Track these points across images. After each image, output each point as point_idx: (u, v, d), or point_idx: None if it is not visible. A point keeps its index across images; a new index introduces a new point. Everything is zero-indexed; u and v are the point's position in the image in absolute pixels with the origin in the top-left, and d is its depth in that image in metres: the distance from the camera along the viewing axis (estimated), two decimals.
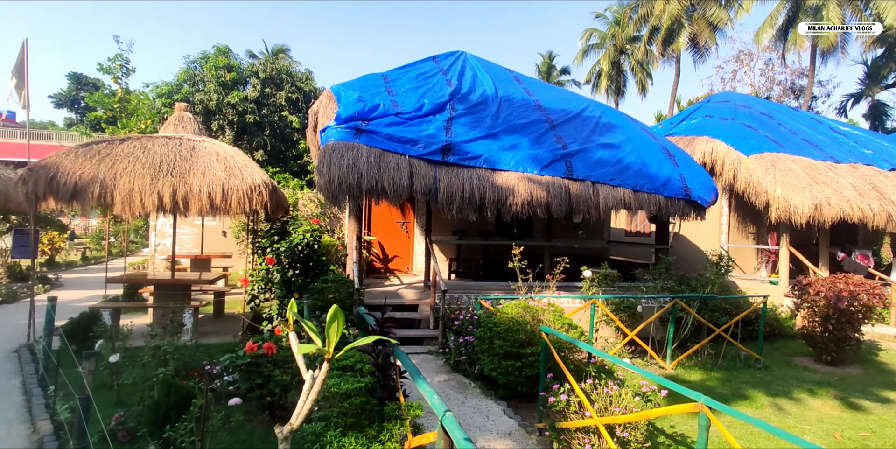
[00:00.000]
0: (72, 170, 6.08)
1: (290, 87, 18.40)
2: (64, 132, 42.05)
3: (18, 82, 5.91)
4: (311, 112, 9.08)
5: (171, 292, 7.53)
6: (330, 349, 1.70)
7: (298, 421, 1.91)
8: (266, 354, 4.12)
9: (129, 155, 6.48)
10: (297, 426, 1.92)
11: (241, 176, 6.68)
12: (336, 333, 1.66)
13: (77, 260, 17.99)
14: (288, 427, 1.92)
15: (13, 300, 9.66)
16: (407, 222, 9.89)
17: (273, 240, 6.86)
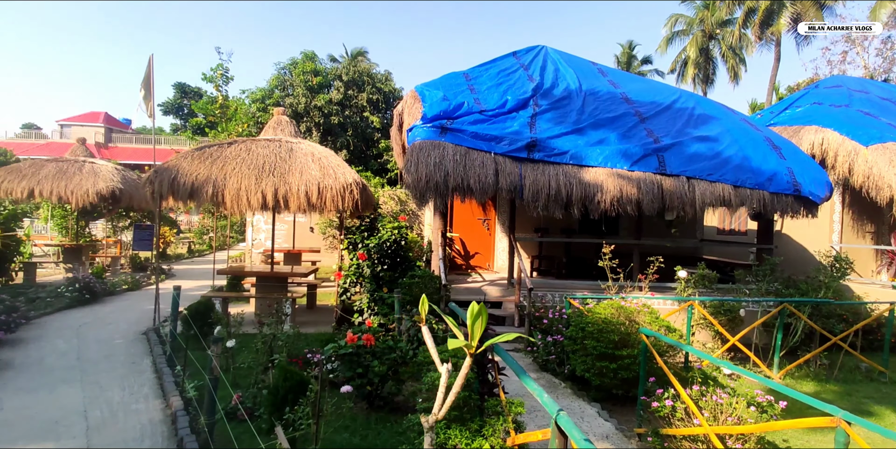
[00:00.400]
0: (189, 171, 6.70)
1: (370, 89, 19.05)
2: (171, 137, 46.45)
3: (146, 94, 6.61)
4: (395, 112, 9.35)
5: (271, 284, 8.10)
6: (474, 344, 1.75)
7: (442, 412, 1.99)
8: (365, 345, 4.31)
9: (237, 157, 7.03)
10: (440, 417, 2.00)
11: (335, 175, 7.03)
12: (479, 329, 1.70)
13: (184, 253, 19.83)
14: (432, 418, 2.01)
15: (137, 288, 10.83)
16: (488, 220, 9.92)
17: (363, 236, 7.16)
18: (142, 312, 8.20)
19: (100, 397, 4.49)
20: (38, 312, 7.66)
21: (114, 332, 6.92)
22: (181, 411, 4.03)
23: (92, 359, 5.64)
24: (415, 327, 5.46)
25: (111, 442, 3.69)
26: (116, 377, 5.05)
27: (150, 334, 6.66)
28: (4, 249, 9.90)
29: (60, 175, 11.15)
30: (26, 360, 5.52)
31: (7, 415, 4.05)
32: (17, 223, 10.62)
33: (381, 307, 6.61)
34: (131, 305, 8.86)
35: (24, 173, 11.04)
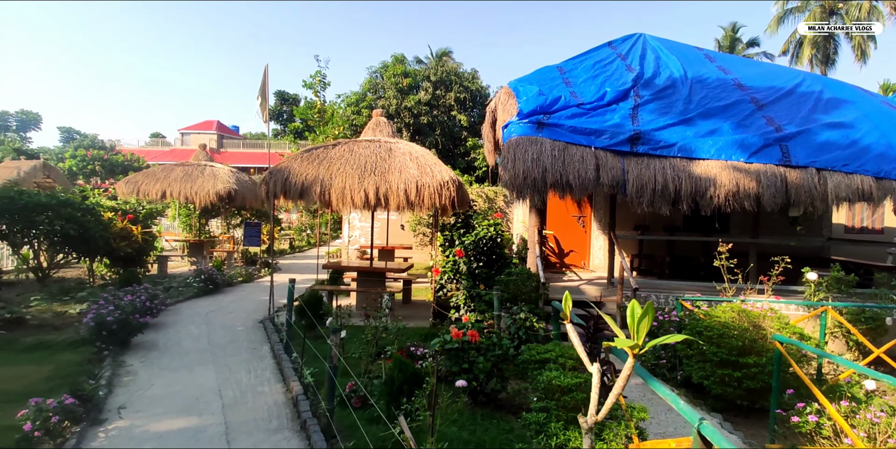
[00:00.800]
0: (299, 172, 7.17)
1: (458, 88, 19.22)
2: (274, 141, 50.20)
3: (262, 102, 7.17)
4: (488, 109, 9.34)
5: (371, 279, 8.45)
6: (639, 342, 1.67)
7: (601, 414, 1.95)
8: (470, 340, 4.35)
9: (341, 158, 7.41)
10: (599, 419, 1.96)
11: (432, 173, 7.17)
12: (645, 328, 1.63)
13: (286, 248, 21.31)
14: (592, 419, 1.97)
15: (250, 280, 11.81)
16: (583, 217, 9.61)
17: (459, 233, 7.23)
18: (257, 303, 8.92)
19: (230, 379, 4.95)
20: (173, 300, 8.61)
21: (235, 319, 7.59)
22: (301, 396, 4.32)
23: (220, 343, 6.23)
24: (515, 325, 5.42)
25: (242, 420, 4.04)
26: (241, 361, 5.53)
27: (265, 323, 7.22)
28: (144, 244, 11.25)
29: (186, 178, 12.45)
30: (167, 342, 6.23)
31: (157, 391, 4.58)
32: (153, 221, 12.04)
33: (477, 304, 6.65)
34: (247, 296, 9.68)
35: (157, 177, 12.47)
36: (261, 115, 7.55)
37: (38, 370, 5.14)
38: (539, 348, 4.28)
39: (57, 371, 5.11)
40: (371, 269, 8.37)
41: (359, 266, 8.50)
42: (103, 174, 32.03)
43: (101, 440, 3.64)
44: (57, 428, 3.50)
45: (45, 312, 7.50)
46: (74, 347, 5.87)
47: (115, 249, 10.40)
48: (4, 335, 6.26)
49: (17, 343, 6.04)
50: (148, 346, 6.05)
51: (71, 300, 8.26)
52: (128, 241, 10.74)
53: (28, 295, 8.95)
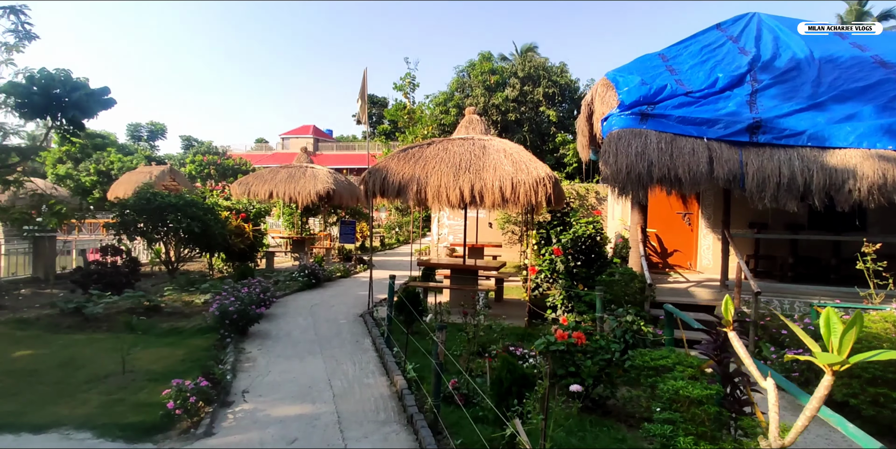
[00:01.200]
0: (396, 171, 7.36)
1: (546, 83, 18.80)
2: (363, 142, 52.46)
3: (362, 104, 7.46)
4: (584, 102, 8.98)
5: (464, 276, 8.49)
6: (843, 356, 1.46)
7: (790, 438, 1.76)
8: (576, 342, 4.18)
9: (435, 156, 7.50)
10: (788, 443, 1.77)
11: (527, 170, 7.02)
12: (850, 342, 1.42)
13: (378, 246, 22.15)
14: (779, 443, 1.79)
15: (347, 276, 12.39)
16: (689, 214, 8.94)
17: (557, 231, 7.02)
18: (355, 298, 9.32)
19: (337, 370, 5.18)
20: (281, 293, 9.24)
21: (337, 313, 7.97)
22: (406, 390, 4.41)
23: (325, 335, 6.57)
24: (620, 328, 5.14)
25: (353, 410, 4.20)
26: (346, 353, 5.78)
27: (365, 317, 7.50)
28: (254, 241, 12.22)
29: (290, 179, 13.32)
30: (279, 332, 6.68)
31: (275, 377, 4.92)
32: (261, 219, 13.05)
33: (577, 304, 6.41)
34: (346, 291, 10.14)
35: (265, 178, 13.47)
36: (360, 117, 7.84)
37: (174, 353, 5.73)
38: (652, 354, 4.02)
39: (189, 355, 5.67)
40: (464, 266, 8.39)
41: (452, 264, 8.57)
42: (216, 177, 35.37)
43: (230, 421, 3.96)
44: (194, 407, 3.86)
45: (176, 301, 8.37)
46: (202, 333, 6.49)
47: (231, 245, 11.39)
48: (146, 321, 7.07)
49: (156, 328, 6.79)
50: (263, 335, 6.52)
51: (196, 291, 9.17)
52: (241, 237, 11.72)
53: (161, 285, 10.07)
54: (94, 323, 6.97)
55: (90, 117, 9.51)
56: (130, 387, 4.69)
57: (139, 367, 5.24)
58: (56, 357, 5.52)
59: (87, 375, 5.00)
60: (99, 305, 7.34)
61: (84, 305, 7.37)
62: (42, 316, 7.29)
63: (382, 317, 7.36)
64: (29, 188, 10.44)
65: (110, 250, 9.24)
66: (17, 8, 9.52)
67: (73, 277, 8.67)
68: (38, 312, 7.64)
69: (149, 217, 9.78)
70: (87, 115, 9.41)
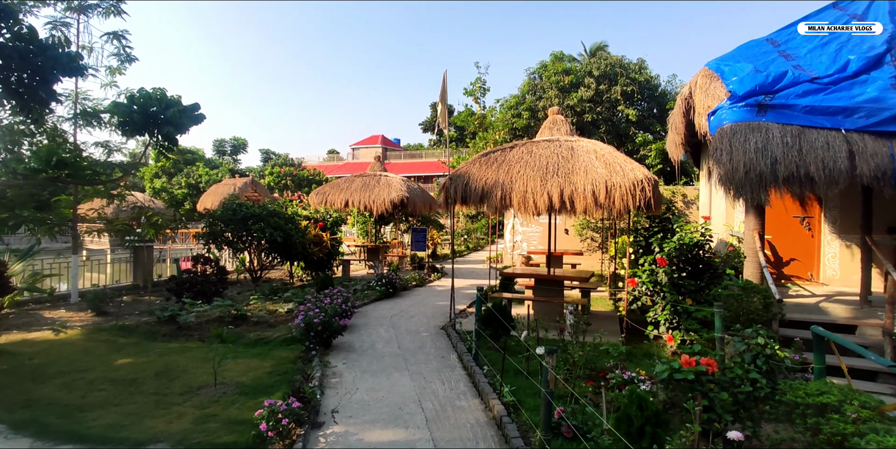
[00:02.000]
0: (478, 177, 7.01)
1: (624, 80, 17.81)
2: (430, 150, 52.99)
3: (442, 108, 7.20)
4: (679, 97, 8.20)
5: (549, 288, 7.95)
6: None
7: None
8: (707, 371, 3.57)
9: (520, 160, 7.07)
10: None
11: (622, 172, 6.42)
12: None
13: (448, 253, 21.97)
14: None
15: (422, 284, 12.19)
16: (809, 218, 7.85)
17: (658, 238, 6.35)
18: (434, 308, 9.04)
19: (426, 389, 4.86)
20: (360, 303, 9.15)
21: (418, 324, 7.72)
22: (505, 417, 3.99)
23: (409, 349, 6.30)
24: (750, 352, 4.43)
25: (449, 437, 3.84)
26: (433, 370, 5.46)
27: (448, 330, 7.17)
28: (332, 249, 12.36)
29: (364, 188, 13.40)
30: (363, 344, 6.50)
31: (363, 395, 4.68)
32: (338, 228, 13.21)
33: (687, 322, 5.70)
34: (423, 300, 9.90)
35: (340, 187, 13.64)
36: (440, 122, 7.60)
37: (262, 364, 5.68)
38: (808, 388, 3.34)
39: (276, 367, 5.59)
40: (550, 276, 7.87)
41: (536, 273, 8.06)
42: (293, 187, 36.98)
43: (322, 445, 3.73)
44: (286, 429, 3.67)
45: (261, 310, 8.49)
46: (287, 344, 6.44)
47: (310, 254, 11.55)
48: (234, 330, 7.17)
49: (244, 338, 6.85)
50: (346, 347, 6.37)
51: (279, 300, 9.29)
52: (319, 246, 11.86)
53: (246, 293, 10.35)
54: (187, 331, 7.16)
55: (183, 133, 9.99)
56: (222, 401, 4.62)
57: (229, 378, 5.21)
58: (153, 366, 5.63)
59: (181, 385, 5.02)
60: (191, 313, 7.55)
61: (178, 314, 7.61)
62: (140, 323, 7.60)
63: (467, 330, 7.01)
64: (130, 201, 11.19)
65: (201, 260, 9.60)
66: (119, 33, 10.25)
67: (168, 286, 9.06)
68: (138, 318, 8.00)
69: (235, 227, 10.09)
70: (180, 131, 9.89)
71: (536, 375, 5.07)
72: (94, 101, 10.36)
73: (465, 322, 7.61)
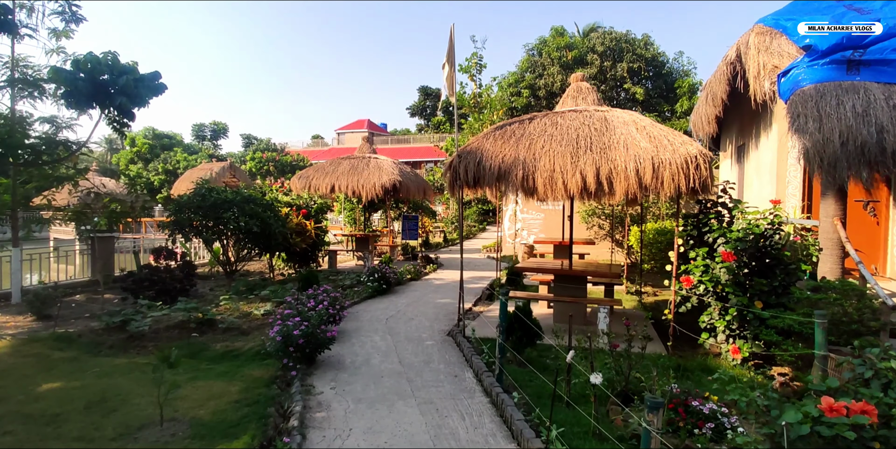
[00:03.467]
0: (494, 153, 5.80)
1: (630, 56, 16.60)
2: (418, 135, 51.42)
3: (450, 70, 5.93)
4: (723, 63, 7.04)
5: (570, 285, 6.84)
6: None
7: None
8: (868, 424, 2.45)
9: (543, 133, 5.87)
10: None
11: (672, 147, 5.27)
12: None
13: (440, 242, 20.76)
14: None
15: (418, 278, 10.99)
16: (875, 202, 6.80)
17: (711, 227, 5.23)
18: (435, 307, 7.87)
19: (442, 428, 3.70)
20: (350, 301, 7.94)
21: (419, 329, 6.55)
22: None
23: (412, 364, 5.14)
24: (878, 379, 3.33)
25: None
26: (446, 396, 4.30)
27: (456, 337, 6.01)
28: (316, 239, 11.08)
29: (353, 171, 12.10)
30: (355, 358, 5.31)
31: (359, 442, 3.49)
32: (323, 216, 11.91)
33: (763, 331, 4.61)
34: (421, 297, 8.72)
35: (326, 171, 12.32)
36: (446, 89, 6.36)
37: (227, 389, 4.47)
38: None
39: (245, 392, 4.39)
40: (572, 272, 6.74)
41: (555, 268, 6.92)
42: (276, 173, 35.31)
43: None
44: None
45: (233, 312, 7.24)
46: (262, 358, 5.23)
47: (292, 245, 10.28)
48: (197, 340, 5.92)
49: (209, 350, 5.62)
50: (335, 363, 5.18)
51: (255, 299, 8.04)
52: (302, 236, 10.59)
53: (219, 290, 9.07)
54: (140, 342, 5.90)
55: (140, 105, 8.56)
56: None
57: (183, 411, 4.01)
58: (87, 392, 4.39)
59: (116, 424, 3.79)
60: (146, 319, 6.28)
61: (132, 319, 6.35)
62: (85, 331, 6.31)
63: (481, 337, 5.86)
64: (85, 186, 9.74)
65: (163, 253, 8.28)
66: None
67: (125, 284, 7.75)
68: (85, 324, 6.71)
69: (204, 215, 8.77)
70: (137, 103, 8.46)
71: (581, 401, 3.95)
72: (35, 68, 8.83)
73: (473, 325, 6.47)
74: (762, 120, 7.75)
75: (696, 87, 16.11)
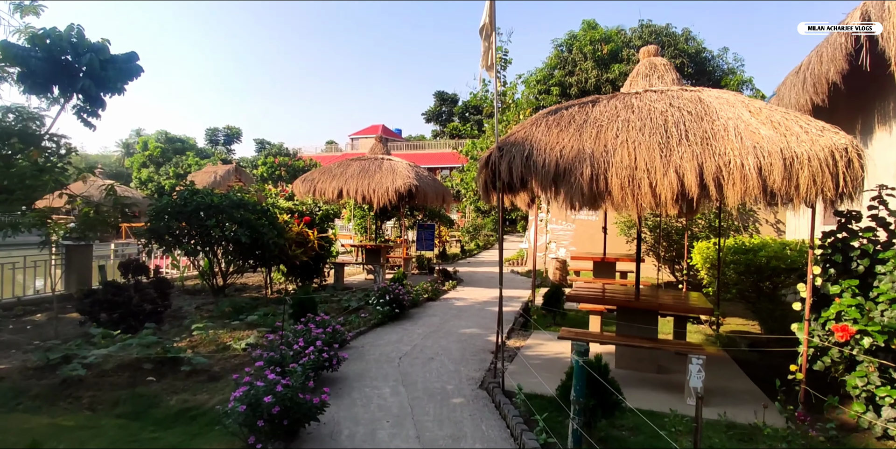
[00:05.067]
0: (547, 144, 4.30)
1: (672, 51, 15.04)
2: (433, 142, 50.17)
3: (488, 47, 4.48)
4: (839, 37, 5.47)
5: (638, 320, 5.28)
6: None
7: None
8: None
9: (614, 118, 4.36)
10: None
11: (809, 137, 3.72)
12: None
13: (458, 252, 19.21)
14: None
15: (436, 297, 9.46)
16: None
17: (865, 252, 3.65)
18: (460, 340, 6.34)
19: None
20: (354, 331, 6.45)
21: (442, 374, 5.03)
22: None
23: (436, 441, 3.61)
24: None
25: None
26: None
27: (493, 391, 4.47)
28: (320, 251, 9.65)
29: (364, 173, 10.69)
30: (354, 429, 3.80)
31: None
32: (329, 224, 10.48)
33: None
34: (442, 326, 7.20)
35: (333, 173, 10.94)
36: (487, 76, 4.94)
37: None
38: None
39: None
40: (641, 304, 5.17)
41: (618, 297, 5.37)
42: (288, 179, 34.18)
43: None
44: None
45: (207, 344, 5.80)
46: (224, 429, 3.75)
47: (291, 257, 8.86)
48: (150, 390, 4.47)
49: (160, 406, 4.17)
50: (326, 438, 3.68)
51: (241, 325, 6.60)
52: (304, 248, 9.16)
53: (204, 310, 7.66)
54: (74, 390, 4.47)
55: (112, 91, 7.20)
56: None
57: None
58: None
59: None
60: (89, 357, 4.85)
61: (74, 354, 4.94)
62: (13, 371, 4.91)
63: (529, 392, 4.29)
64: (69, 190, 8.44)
65: (132, 268, 6.89)
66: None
67: (80, 305, 6.36)
68: (23, 359, 5.32)
69: (185, 222, 7.40)
70: (108, 88, 7.10)
71: None
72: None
73: (512, 369, 4.94)
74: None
75: (746, 84, 14.49)
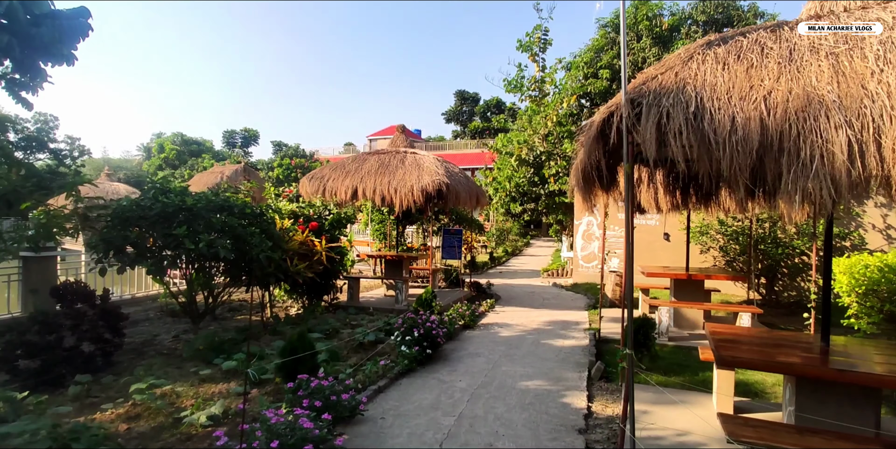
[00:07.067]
0: (730, 91, 2.31)
1: (741, 26, 12.86)
2: (452, 142, 48.32)
3: None
4: None
5: (833, 404, 3.23)
6: None
7: None
8: None
9: (842, 42, 2.35)
10: None
11: None
12: None
13: (486, 261, 17.22)
14: None
15: (473, 324, 7.47)
16: None
17: None
18: (520, 398, 4.32)
19: None
20: (370, 389, 4.50)
21: None
22: None
23: None
24: None
25: None
26: None
27: None
28: (329, 265, 7.76)
29: (383, 170, 8.81)
30: None
31: None
32: (341, 230, 8.60)
33: None
34: (490, 372, 5.20)
35: (347, 169, 9.09)
36: None
37: None
38: None
39: None
40: (846, 377, 3.12)
41: (793, 360, 3.32)
42: None
43: None
44: None
45: (151, 414, 3.92)
46: None
47: (293, 273, 6.99)
48: None
49: None
50: None
51: (215, 373, 4.73)
52: (309, 261, 7.29)
53: (179, 344, 5.83)
54: None
55: (54, 57, 5.50)
56: None
57: None
58: None
59: None
60: None
61: None
62: None
63: None
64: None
65: (69, 293, 5.08)
66: None
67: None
68: None
69: (152, 231, 5.58)
70: (46, 53, 5.39)
71: None
72: None
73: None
74: None
75: None
